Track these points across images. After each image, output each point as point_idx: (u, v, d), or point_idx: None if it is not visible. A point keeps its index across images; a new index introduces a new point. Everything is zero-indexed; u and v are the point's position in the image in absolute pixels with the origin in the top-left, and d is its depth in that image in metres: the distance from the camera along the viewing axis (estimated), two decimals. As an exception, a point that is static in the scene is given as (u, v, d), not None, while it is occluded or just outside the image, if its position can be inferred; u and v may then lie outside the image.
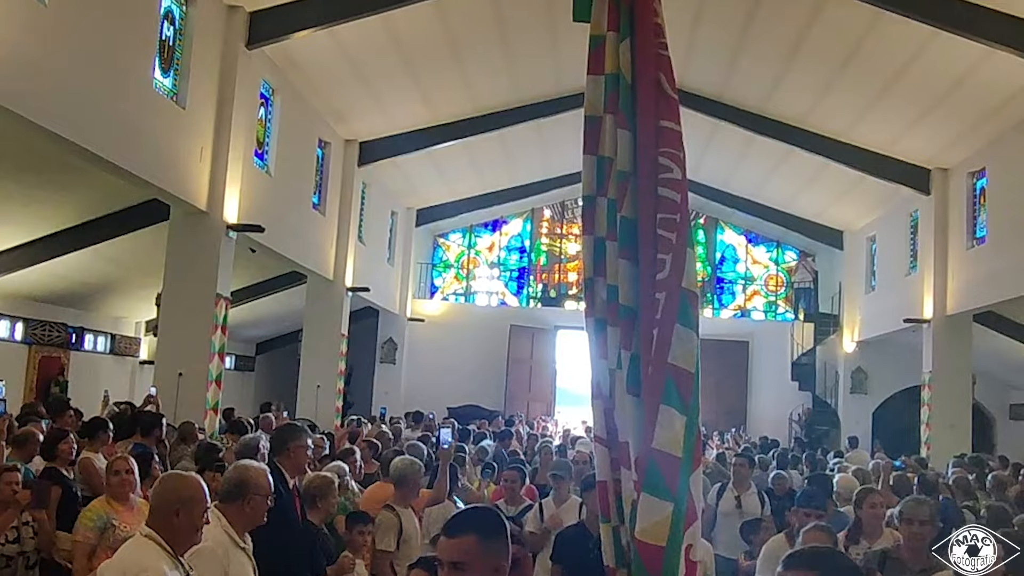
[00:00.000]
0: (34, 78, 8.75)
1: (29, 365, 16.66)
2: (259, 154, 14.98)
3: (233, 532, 4.17)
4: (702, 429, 13.20)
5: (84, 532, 5.77)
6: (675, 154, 3.01)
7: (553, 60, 16.99)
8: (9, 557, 5.88)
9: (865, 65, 14.66)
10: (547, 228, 27.65)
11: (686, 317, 2.87)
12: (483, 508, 3.30)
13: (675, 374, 2.85)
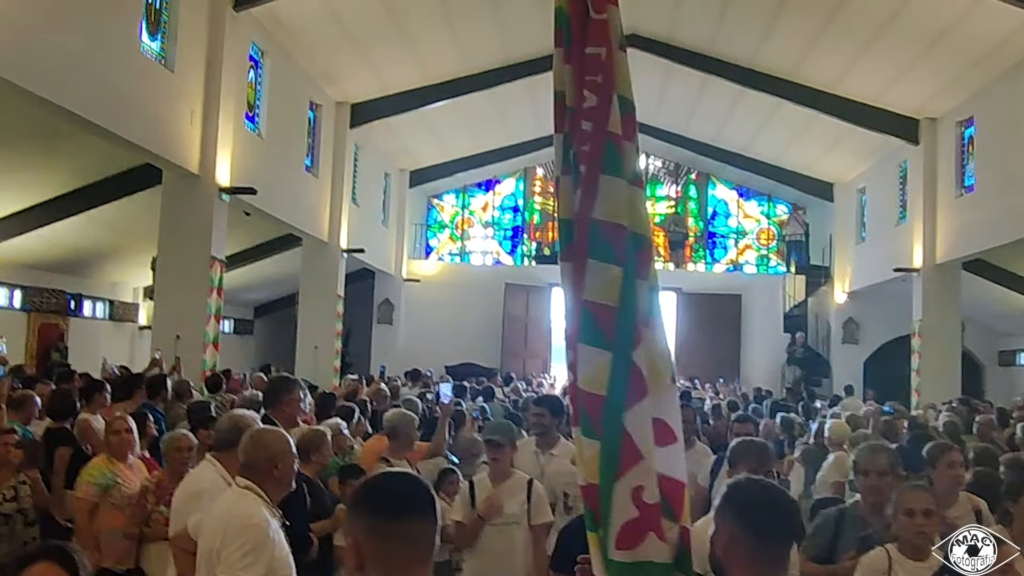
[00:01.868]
0: (19, 42, 8.78)
1: (29, 332, 16.81)
2: (250, 117, 15.02)
3: (228, 476, 4.30)
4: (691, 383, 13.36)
5: (86, 489, 5.89)
6: (593, 80, 2.87)
7: (543, 17, 16.72)
8: (7, 515, 5.99)
9: (852, 15, 14.66)
10: (540, 187, 27.70)
11: (599, 250, 2.79)
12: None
13: (593, 309, 2.78)
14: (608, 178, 2.81)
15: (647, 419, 2.75)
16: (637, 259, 2.84)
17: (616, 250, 2.78)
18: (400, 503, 2.18)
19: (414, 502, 2.20)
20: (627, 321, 2.76)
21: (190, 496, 4.31)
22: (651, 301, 2.89)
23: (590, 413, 2.77)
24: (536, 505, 5.51)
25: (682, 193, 27.48)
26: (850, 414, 11.16)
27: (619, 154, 2.82)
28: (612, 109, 2.82)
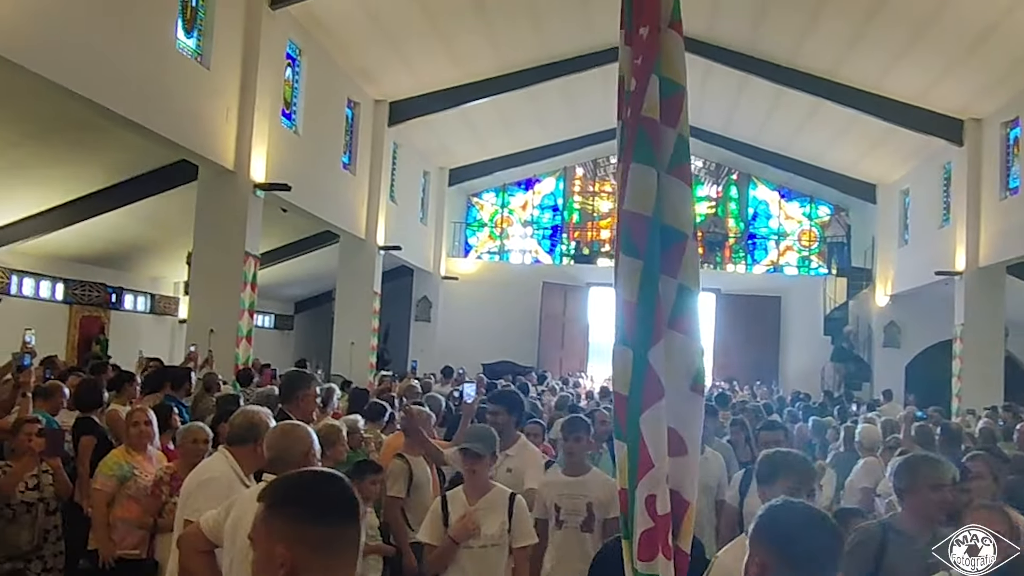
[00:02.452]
0: (59, 41, 8.95)
1: (70, 324, 17.16)
2: (287, 114, 15.16)
3: (240, 471, 4.34)
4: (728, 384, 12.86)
5: (103, 480, 6.00)
6: (636, 63, 2.76)
7: (581, 16, 16.93)
8: (30, 503, 6.09)
9: (894, 14, 14.43)
10: (579, 186, 27.73)
11: (625, 243, 2.71)
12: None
13: (623, 306, 2.68)
14: (637, 166, 2.71)
15: (661, 425, 2.63)
16: (666, 253, 2.71)
17: (636, 242, 2.68)
18: (335, 508, 2.02)
19: (348, 507, 2.04)
20: (645, 318, 2.65)
21: (201, 483, 4.32)
22: (682, 301, 2.74)
23: (618, 414, 2.71)
24: (518, 524, 4.88)
25: (723, 194, 27.28)
26: (885, 419, 10.98)
27: (650, 141, 2.71)
28: (649, 92, 2.69)
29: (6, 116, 11.27)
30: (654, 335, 2.64)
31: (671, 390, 2.65)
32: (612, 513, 5.33)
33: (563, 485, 5.65)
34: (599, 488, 5.54)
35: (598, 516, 5.50)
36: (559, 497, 5.57)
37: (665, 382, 2.63)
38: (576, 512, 5.52)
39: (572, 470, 5.71)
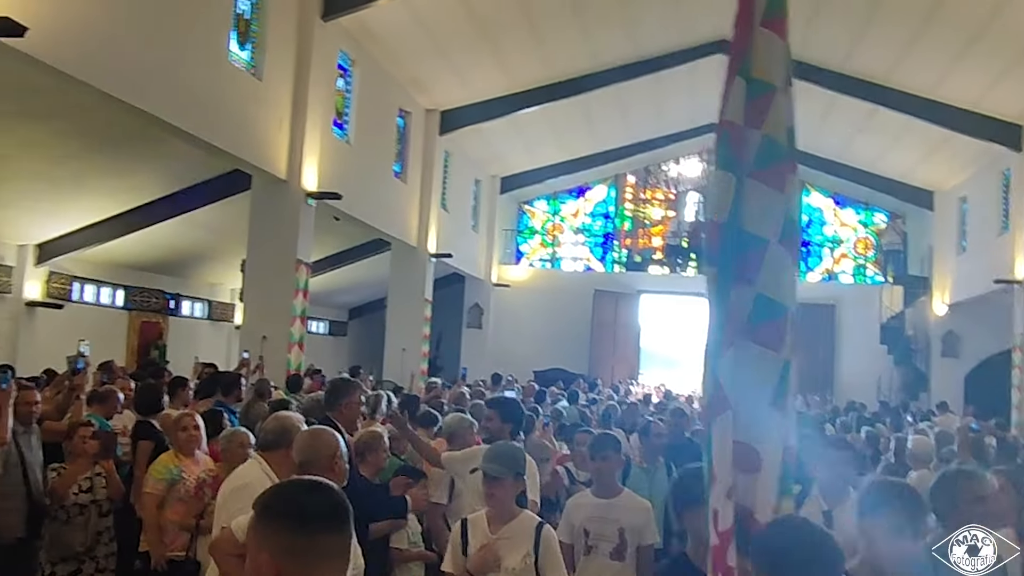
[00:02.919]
0: (111, 53, 9.16)
1: (130, 330, 17.57)
2: (339, 124, 15.36)
3: (273, 476, 4.32)
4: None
5: (153, 484, 6.12)
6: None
7: (630, 25, 16.94)
8: (83, 506, 6.27)
9: (949, 18, 14.22)
10: (631, 193, 27.64)
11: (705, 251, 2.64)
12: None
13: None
14: (717, 173, 2.65)
15: (725, 438, 2.52)
16: (742, 260, 2.60)
17: (710, 248, 2.62)
18: (318, 516, 1.97)
19: (332, 515, 1.99)
20: (715, 326, 2.58)
21: (234, 490, 4.32)
22: (761, 311, 2.59)
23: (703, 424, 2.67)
24: (546, 558, 4.23)
25: (776, 201, 26.94)
26: (939, 430, 10.77)
27: (730, 146, 2.64)
28: (731, 96, 2.64)
29: (68, 129, 11.61)
30: (723, 344, 2.56)
31: (746, 403, 2.53)
32: (647, 540, 5.18)
33: (592, 507, 5.29)
34: (632, 512, 5.23)
35: (630, 542, 5.13)
36: (588, 520, 5.20)
37: (737, 394, 2.52)
38: (606, 538, 5.15)
39: (602, 491, 5.37)
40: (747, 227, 2.59)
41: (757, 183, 2.63)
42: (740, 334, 2.57)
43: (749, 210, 2.60)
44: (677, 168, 27.14)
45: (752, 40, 2.67)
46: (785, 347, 2.63)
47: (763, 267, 2.59)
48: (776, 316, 2.61)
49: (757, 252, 2.60)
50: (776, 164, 2.67)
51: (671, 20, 17.22)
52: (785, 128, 2.68)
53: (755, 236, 2.60)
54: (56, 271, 15.41)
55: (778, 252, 2.62)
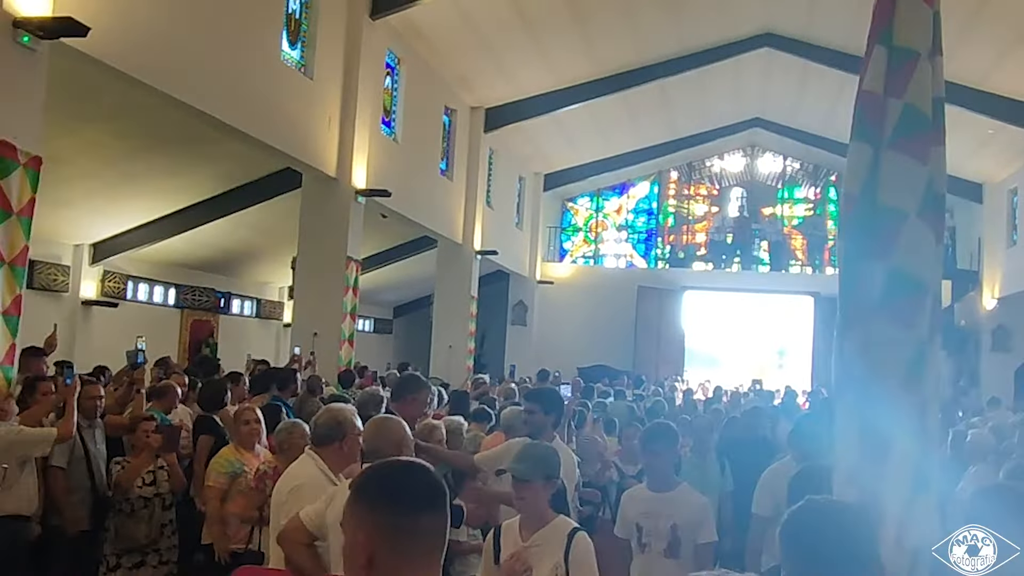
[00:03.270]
0: (172, 55, 9.33)
1: (182, 328, 17.80)
2: (386, 122, 15.48)
3: (328, 471, 4.37)
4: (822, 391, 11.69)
5: (216, 478, 6.22)
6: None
7: (675, 19, 16.87)
8: (147, 499, 6.37)
9: (1001, 7, 13.99)
10: (674, 190, 27.56)
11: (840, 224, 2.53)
12: None
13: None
14: (854, 144, 2.55)
15: (852, 420, 2.42)
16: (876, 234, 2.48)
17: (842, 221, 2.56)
18: (413, 497, 1.98)
19: (427, 496, 1.99)
20: (844, 301, 2.49)
21: (293, 490, 4.31)
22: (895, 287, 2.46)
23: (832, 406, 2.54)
24: (577, 567, 3.89)
25: (821, 195, 26.76)
26: (992, 424, 10.62)
27: (867, 117, 2.55)
28: (871, 63, 2.55)
29: (124, 130, 11.79)
30: (851, 321, 2.46)
31: (875, 385, 2.42)
32: (704, 537, 4.91)
33: (646, 502, 5.07)
34: (686, 507, 4.97)
35: (685, 540, 4.86)
36: (641, 516, 5.00)
37: (866, 374, 2.42)
38: (659, 534, 4.89)
39: (656, 485, 5.15)
40: (883, 199, 2.48)
41: (896, 154, 2.52)
42: (870, 312, 2.45)
43: (886, 182, 2.49)
44: (720, 163, 27.05)
45: (895, 7, 2.58)
46: (922, 327, 2.48)
47: (899, 241, 2.46)
48: (913, 293, 2.47)
49: (893, 225, 2.47)
50: (919, 134, 2.57)
51: (716, 14, 17.12)
52: (931, 97, 2.58)
53: (892, 209, 2.48)
54: (111, 270, 15.66)
55: (918, 226, 2.50)
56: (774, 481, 5.52)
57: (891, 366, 2.43)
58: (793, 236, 26.74)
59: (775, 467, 5.85)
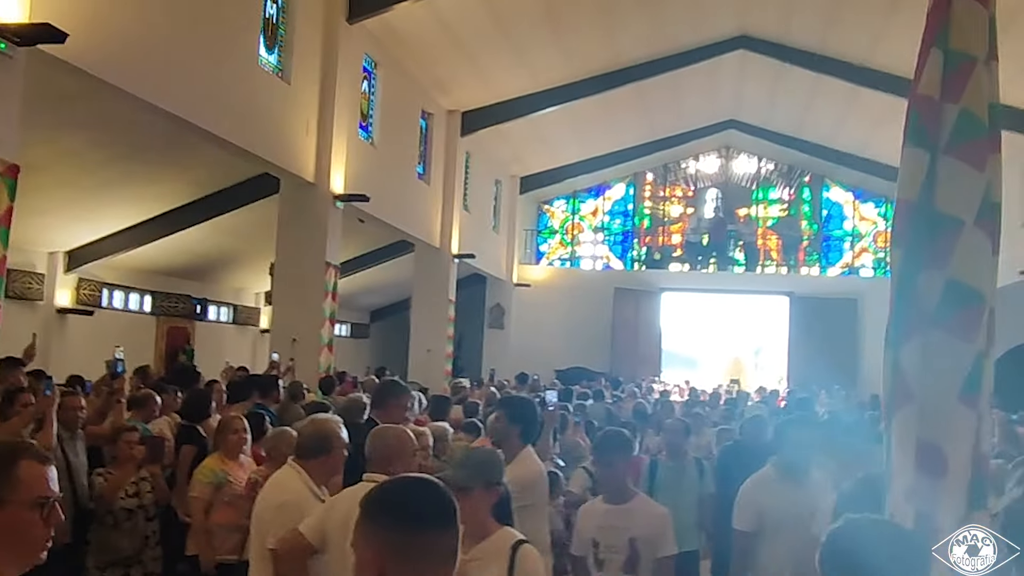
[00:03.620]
0: (149, 61, 9.22)
1: (158, 335, 17.68)
2: (363, 126, 15.42)
3: (313, 485, 4.32)
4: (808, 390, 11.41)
5: (200, 488, 6.14)
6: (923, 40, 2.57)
7: (650, 22, 16.94)
8: (130, 510, 6.28)
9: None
10: (650, 191, 27.68)
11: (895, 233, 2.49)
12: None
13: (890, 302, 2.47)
14: (907, 150, 2.49)
15: (909, 434, 2.35)
16: (935, 243, 2.42)
17: (898, 229, 2.48)
18: (421, 513, 1.97)
19: (436, 512, 1.99)
20: (899, 313, 2.45)
21: (277, 508, 4.22)
22: (952, 297, 2.40)
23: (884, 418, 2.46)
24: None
25: (795, 196, 26.98)
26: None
27: (923, 122, 2.48)
28: (927, 68, 2.50)
29: (101, 138, 11.72)
30: (906, 331, 2.41)
31: (933, 398, 2.36)
32: (664, 551, 4.62)
33: (602, 515, 4.74)
34: (644, 519, 4.66)
35: (644, 554, 4.58)
36: (598, 530, 4.68)
37: (923, 387, 2.35)
38: (616, 549, 4.59)
39: (612, 497, 4.80)
40: (940, 207, 2.42)
41: (953, 160, 2.45)
42: (927, 322, 2.40)
43: (943, 189, 2.44)
44: (696, 165, 27.20)
45: (951, 10, 2.52)
46: (979, 337, 2.42)
47: (956, 250, 2.40)
48: (970, 304, 2.41)
49: (951, 234, 2.41)
50: (975, 140, 2.49)
51: (692, 17, 17.21)
52: (987, 102, 2.50)
53: (949, 217, 2.42)
54: (86, 278, 15.51)
55: (975, 235, 2.43)
56: (756, 492, 5.30)
57: (949, 380, 2.37)
58: (768, 237, 26.93)
59: (756, 477, 5.43)
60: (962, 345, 2.39)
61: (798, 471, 5.23)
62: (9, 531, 2.25)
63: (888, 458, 2.39)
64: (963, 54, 2.49)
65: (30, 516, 2.27)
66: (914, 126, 2.47)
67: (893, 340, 2.43)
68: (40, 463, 2.34)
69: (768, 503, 5.14)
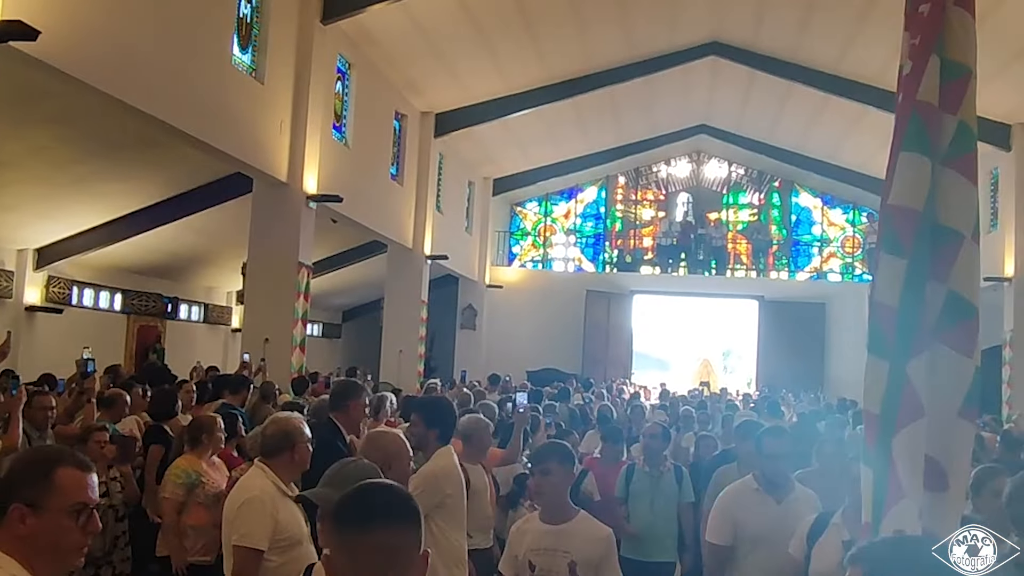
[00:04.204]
0: (120, 57, 9.17)
1: (128, 334, 17.59)
2: (337, 127, 15.43)
3: (280, 482, 4.33)
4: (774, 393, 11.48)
5: (172, 489, 6.12)
6: (913, 44, 2.56)
7: (624, 28, 17.07)
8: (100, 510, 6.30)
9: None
10: (622, 195, 27.86)
11: (888, 241, 2.41)
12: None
13: (879, 311, 2.39)
14: (907, 155, 2.46)
15: (919, 450, 2.29)
16: (936, 255, 2.40)
17: (902, 240, 2.39)
18: (367, 513, 2.01)
19: (382, 512, 2.02)
20: (907, 325, 2.36)
21: (241, 505, 4.22)
22: (952, 310, 2.40)
23: (867, 435, 2.41)
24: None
25: (765, 201, 27.26)
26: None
27: (924, 128, 2.46)
28: (926, 75, 2.47)
29: (72, 135, 11.64)
30: (916, 345, 2.34)
31: (934, 412, 2.33)
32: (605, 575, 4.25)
33: (539, 536, 4.30)
34: (586, 541, 4.25)
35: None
36: (533, 552, 4.26)
37: (927, 402, 2.31)
38: (554, 572, 4.20)
39: (549, 515, 4.35)
40: (942, 220, 2.41)
41: (954, 172, 2.45)
42: (933, 336, 2.38)
43: (945, 201, 2.42)
44: (667, 169, 27.40)
45: (946, 17, 2.51)
46: (976, 351, 2.44)
47: (957, 263, 2.40)
48: (968, 317, 2.42)
49: (952, 247, 2.40)
50: (970, 153, 2.50)
51: (664, 23, 17.36)
52: (976, 115, 2.52)
53: (951, 230, 2.41)
54: (55, 275, 15.41)
55: (971, 249, 2.45)
56: (734, 505, 4.98)
57: (952, 395, 2.37)
58: (738, 241, 27.19)
59: (735, 488, 5.12)
60: (963, 360, 2.40)
61: (781, 486, 4.96)
62: (46, 537, 2.32)
63: (884, 473, 2.30)
64: (960, 65, 2.51)
65: (67, 523, 2.34)
66: (916, 131, 2.44)
67: (898, 351, 2.35)
68: (80, 470, 2.41)
69: (746, 517, 4.90)
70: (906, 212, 2.38)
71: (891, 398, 2.31)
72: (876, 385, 2.35)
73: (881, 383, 2.33)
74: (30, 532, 2.30)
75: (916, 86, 2.44)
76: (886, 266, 2.38)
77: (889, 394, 2.31)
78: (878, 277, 2.42)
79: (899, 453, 2.27)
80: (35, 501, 2.32)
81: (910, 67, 2.49)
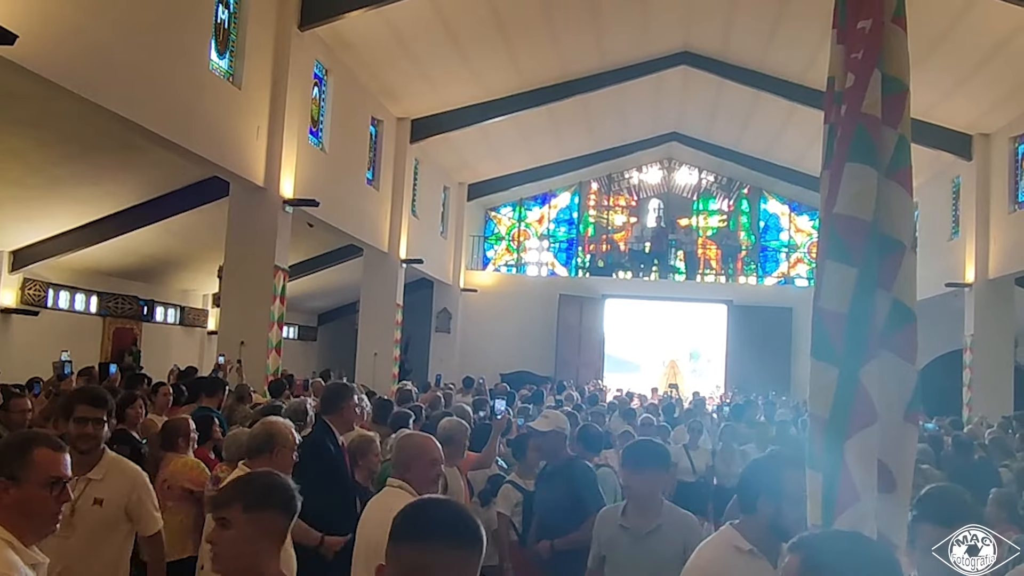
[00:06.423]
0: (97, 62, 9.25)
1: (104, 336, 17.64)
2: (314, 132, 15.59)
3: None
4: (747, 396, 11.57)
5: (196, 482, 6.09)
6: (855, 58, 2.56)
7: (597, 37, 17.36)
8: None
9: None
10: (595, 200, 28.20)
11: (835, 249, 2.46)
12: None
13: (825, 317, 2.47)
14: (853, 166, 2.48)
15: (871, 454, 2.34)
16: (882, 264, 2.48)
17: (852, 249, 2.44)
18: (426, 530, 1.95)
19: (442, 530, 1.96)
20: (858, 332, 2.42)
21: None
22: (896, 318, 2.47)
23: (814, 438, 2.46)
24: None
25: (734, 207, 27.70)
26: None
27: (871, 140, 2.50)
28: (870, 88, 2.51)
29: (48, 137, 11.74)
30: (868, 351, 2.40)
31: (887, 419, 2.39)
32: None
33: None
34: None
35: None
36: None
37: (880, 410, 2.37)
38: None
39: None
40: (885, 230, 2.49)
41: (895, 184, 2.54)
42: (881, 343, 2.46)
43: (888, 212, 2.51)
44: (639, 175, 27.77)
45: (884, 32, 2.56)
46: (915, 356, 2.52)
47: (900, 273, 2.50)
48: (909, 323, 2.50)
49: (896, 256, 2.50)
50: (907, 167, 2.59)
51: (637, 32, 17.65)
52: (911, 130, 2.62)
53: (895, 240, 2.50)
54: (31, 278, 15.47)
55: (911, 259, 2.55)
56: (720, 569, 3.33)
57: (897, 399, 2.46)
58: (708, 246, 27.58)
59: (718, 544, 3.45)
60: (906, 365, 2.48)
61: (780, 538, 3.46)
62: (26, 506, 2.75)
63: (835, 476, 2.33)
64: (898, 80, 2.58)
65: (43, 494, 2.77)
66: (861, 143, 2.48)
67: (848, 357, 2.40)
68: (54, 450, 2.84)
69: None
70: (855, 222, 2.44)
71: (841, 403, 2.36)
72: (823, 390, 2.41)
73: (829, 388, 2.39)
74: (13, 501, 2.72)
75: (861, 99, 2.48)
76: (833, 273, 2.44)
77: (839, 399, 2.36)
78: (824, 284, 2.48)
79: (853, 457, 2.30)
80: (16, 475, 2.74)
81: (853, 80, 2.53)
